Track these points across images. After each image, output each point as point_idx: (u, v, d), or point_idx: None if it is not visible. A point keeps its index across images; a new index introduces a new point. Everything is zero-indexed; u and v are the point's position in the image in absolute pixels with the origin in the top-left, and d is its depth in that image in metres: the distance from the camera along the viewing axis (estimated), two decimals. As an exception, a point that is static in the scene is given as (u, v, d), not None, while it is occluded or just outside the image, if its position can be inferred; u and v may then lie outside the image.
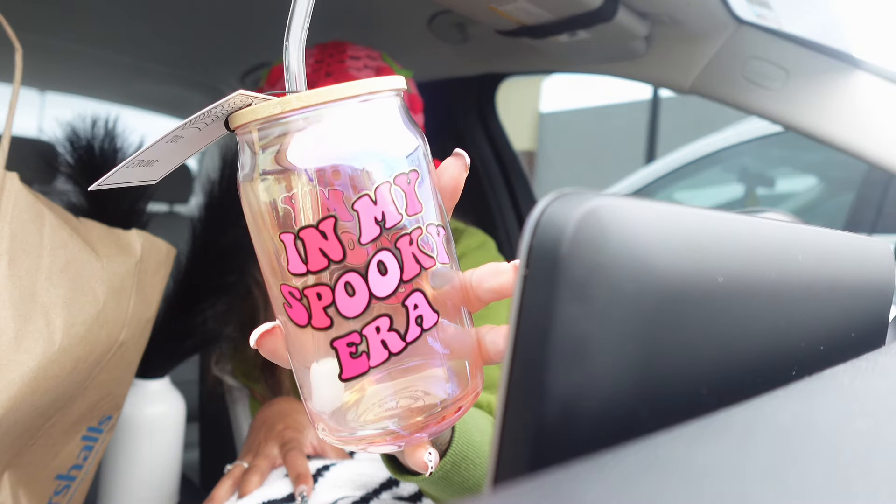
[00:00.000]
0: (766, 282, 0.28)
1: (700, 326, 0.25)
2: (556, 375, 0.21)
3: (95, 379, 0.63)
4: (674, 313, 0.23)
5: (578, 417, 0.21)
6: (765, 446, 0.19)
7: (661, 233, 0.23)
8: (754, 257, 0.27)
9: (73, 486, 0.69)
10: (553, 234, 0.21)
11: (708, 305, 0.25)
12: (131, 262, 0.65)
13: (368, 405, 0.33)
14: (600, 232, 0.21)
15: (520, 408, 0.21)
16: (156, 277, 0.71)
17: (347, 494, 0.67)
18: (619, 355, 0.22)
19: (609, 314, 0.21)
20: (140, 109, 2.02)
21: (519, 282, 0.22)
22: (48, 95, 1.93)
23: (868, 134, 0.86)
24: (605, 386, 0.22)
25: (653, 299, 0.22)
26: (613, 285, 0.21)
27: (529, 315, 0.21)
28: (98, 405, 0.67)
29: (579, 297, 0.21)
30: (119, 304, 0.63)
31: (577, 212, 0.21)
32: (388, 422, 0.32)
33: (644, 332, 0.22)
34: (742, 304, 0.27)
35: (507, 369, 0.22)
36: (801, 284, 0.30)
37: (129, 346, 0.67)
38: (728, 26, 0.92)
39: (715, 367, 0.26)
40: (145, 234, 0.69)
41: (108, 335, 0.62)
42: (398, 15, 1.17)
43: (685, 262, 0.23)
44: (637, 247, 0.22)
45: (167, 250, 0.73)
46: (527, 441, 0.21)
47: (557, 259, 0.21)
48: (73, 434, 0.66)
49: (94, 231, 0.64)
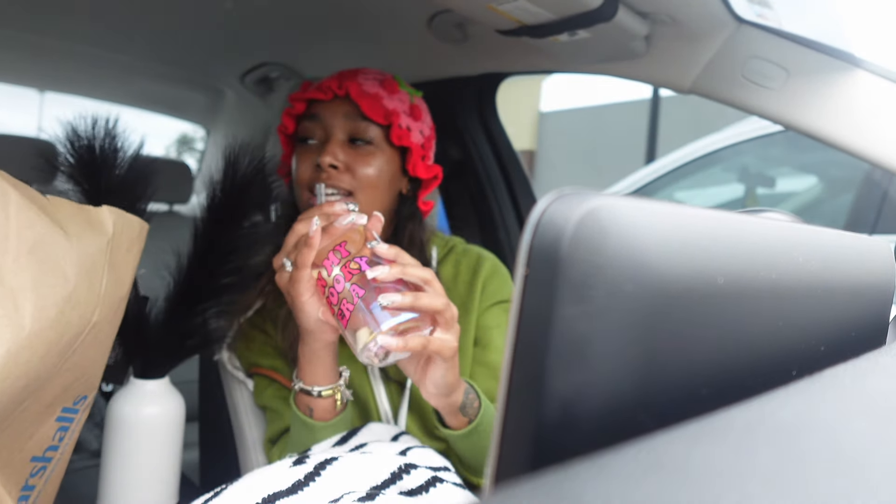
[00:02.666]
0: (766, 282, 0.28)
1: (700, 326, 0.25)
2: (556, 375, 0.21)
3: (69, 361, 0.62)
4: (674, 314, 0.23)
5: (578, 417, 0.21)
6: (765, 446, 0.19)
7: (660, 233, 0.23)
8: (754, 257, 0.27)
9: (50, 467, 0.68)
10: (553, 234, 0.21)
11: (708, 305, 0.25)
12: (103, 241, 0.63)
13: None
14: (600, 232, 0.21)
15: (520, 408, 0.21)
16: (129, 255, 0.69)
17: (354, 489, 0.67)
18: (619, 355, 0.22)
19: (609, 314, 0.21)
20: (140, 109, 2.02)
21: (519, 282, 0.22)
22: (47, 95, 1.93)
23: (869, 133, 0.86)
24: (605, 386, 0.22)
25: (652, 299, 0.22)
26: (613, 286, 0.21)
27: (529, 315, 0.21)
28: (72, 386, 0.65)
29: (579, 298, 0.21)
30: (91, 284, 0.61)
31: (576, 212, 0.21)
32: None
33: (644, 332, 0.22)
34: (742, 305, 0.27)
35: (508, 369, 0.22)
36: (802, 284, 0.30)
37: (103, 326, 0.65)
38: (728, 26, 0.92)
39: (715, 367, 0.26)
40: (117, 210, 0.66)
41: (81, 316, 0.60)
42: (398, 15, 1.17)
43: (685, 262, 0.23)
44: (637, 247, 0.22)
45: (140, 227, 0.70)
46: (527, 441, 0.21)
47: (557, 259, 0.21)
48: (47, 416, 0.64)
49: (64, 209, 0.61)
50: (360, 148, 0.92)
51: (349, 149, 0.91)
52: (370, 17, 1.21)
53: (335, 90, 0.92)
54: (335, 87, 0.92)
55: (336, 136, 0.91)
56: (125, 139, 0.78)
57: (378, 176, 0.93)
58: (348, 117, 0.92)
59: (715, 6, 0.88)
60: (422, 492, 0.68)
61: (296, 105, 0.95)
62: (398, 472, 0.70)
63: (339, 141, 0.91)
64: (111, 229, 0.64)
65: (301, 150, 0.94)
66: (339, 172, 0.89)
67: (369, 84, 0.94)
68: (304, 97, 0.94)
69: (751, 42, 0.91)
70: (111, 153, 0.77)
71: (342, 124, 0.92)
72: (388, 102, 0.94)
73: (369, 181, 0.91)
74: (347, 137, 0.92)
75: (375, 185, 0.93)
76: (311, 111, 0.94)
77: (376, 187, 0.93)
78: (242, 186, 0.84)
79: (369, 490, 0.67)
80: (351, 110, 0.92)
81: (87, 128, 0.75)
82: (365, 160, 0.91)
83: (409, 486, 0.68)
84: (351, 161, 0.90)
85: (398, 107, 0.95)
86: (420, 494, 0.68)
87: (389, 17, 1.19)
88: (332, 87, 0.92)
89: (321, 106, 0.93)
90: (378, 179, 0.93)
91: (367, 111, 0.91)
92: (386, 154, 0.93)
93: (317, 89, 0.93)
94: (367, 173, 0.91)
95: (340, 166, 0.89)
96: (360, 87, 0.93)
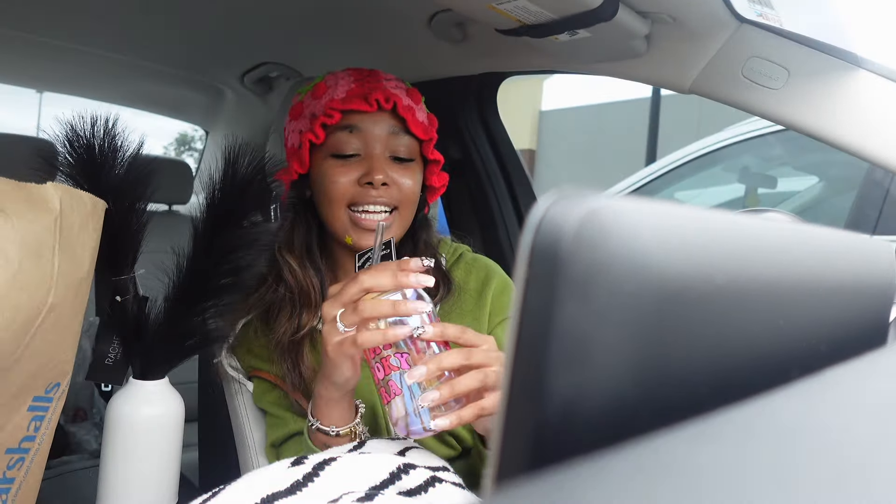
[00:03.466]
0: (766, 282, 0.28)
1: (700, 326, 0.25)
2: (556, 375, 0.21)
3: (29, 347, 0.60)
4: (674, 313, 0.23)
5: (578, 417, 0.21)
6: (765, 446, 0.19)
7: (661, 233, 0.23)
8: (754, 257, 0.27)
9: (28, 458, 0.67)
10: (554, 234, 0.21)
11: (708, 305, 0.25)
12: (49, 219, 0.60)
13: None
14: (601, 233, 0.21)
15: (520, 408, 0.21)
16: (84, 233, 0.66)
17: (352, 489, 0.67)
18: (620, 355, 0.22)
19: (609, 314, 0.21)
20: (140, 110, 2.02)
21: (520, 282, 0.22)
22: (47, 95, 1.94)
23: (870, 133, 0.86)
24: (606, 386, 0.22)
25: (653, 299, 0.22)
26: (614, 285, 0.21)
27: (530, 315, 0.21)
28: (40, 373, 0.64)
29: (580, 298, 0.21)
30: (39, 265, 0.59)
31: (577, 213, 0.21)
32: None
33: (644, 332, 0.22)
34: (742, 304, 0.27)
35: (508, 369, 0.22)
36: (802, 284, 0.30)
37: (63, 309, 0.62)
38: (729, 25, 0.92)
39: (715, 367, 0.26)
40: (64, 186, 0.63)
41: (31, 298, 0.58)
42: (398, 14, 1.17)
43: (685, 262, 0.23)
44: (637, 247, 0.22)
45: (93, 203, 0.67)
46: (527, 441, 0.21)
47: (558, 259, 0.21)
48: (16, 406, 0.63)
49: (0, 187, 0.59)
50: (402, 163, 0.90)
51: (390, 163, 0.89)
52: (370, 17, 1.21)
53: (382, 103, 0.87)
54: (382, 100, 0.87)
55: (380, 152, 0.88)
56: (125, 139, 0.78)
57: (415, 191, 0.91)
58: (393, 132, 0.89)
59: (715, 5, 0.88)
60: (421, 492, 0.68)
61: (334, 115, 0.88)
62: (397, 472, 0.69)
63: (383, 156, 0.88)
64: (58, 206, 0.61)
65: (338, 165, 0.89)
66: (387, 188, 0.87)
67: (400, 93, 0.91)
68: (344, 108, 0.88)
69: (751, 42, 0.91)
70: (111, 153, 0.76)
71: (386, 139, 0.89)
72: (419, 114, 0.91)
73: (409, 196, 0.90)
74: (390, 153, 0.89)
75: (413, 200, 0.91)
76: (349, 121, 0.88)
77: (414, 202, 0.92)
78: (242, 186, 0.84)
79: (368, 490, 0.67)
80: (396, 125, 0.89)
81: (86, 128, 0.75)
82: (407, 175, 0.89)
83: (408, 486, 0.68)
84: (396, 176, 0.88)
85: (424, 118, 0.93)
86: (419, 494, 0.68)
87: (389, 16, 1.19)
88: (379, 99, 0.87)
89: (362, 118, 0.88)
90: (415, 195, 0.92)
91: (412, 126, 0.89)
92: (420, 167, 0.93)
93: (362, 99, 0.88)
94: (408, 189, 0.89)
95: (390, 182, 0.87)
96: (400, 98, 0.89)
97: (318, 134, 0.89)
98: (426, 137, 0.91)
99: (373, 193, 0.86)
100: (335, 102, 0.88)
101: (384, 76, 0.93)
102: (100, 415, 1.59)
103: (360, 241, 0.89)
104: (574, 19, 0.88)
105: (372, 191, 0.86)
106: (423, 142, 0.91)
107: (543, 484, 0.17)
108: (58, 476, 1.05)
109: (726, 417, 0.22)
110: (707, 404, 0.24)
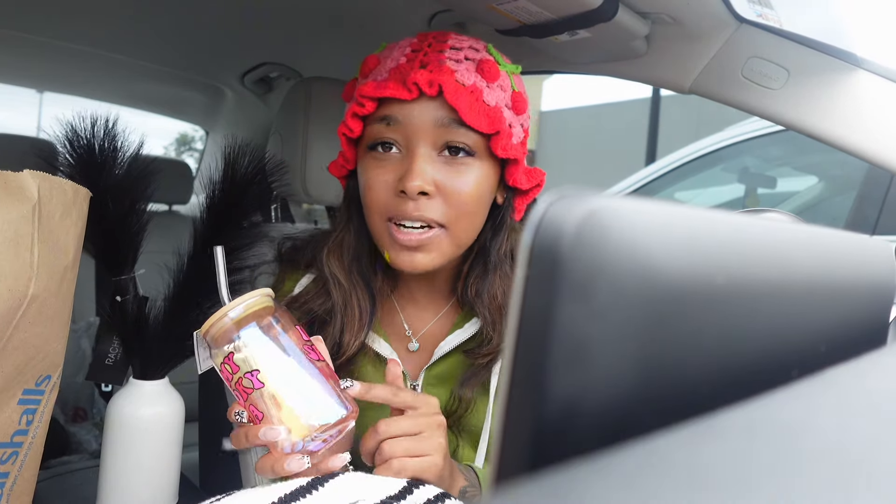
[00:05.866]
0: (766, 282, 0.28)
1: (700, 327, 0.25)
2: (556, 375, 0.21)
3: (12, 339, 0.59)
4: (674, 314, 0.23)
5: (578, 417, 0.21)
6: (765, 446, 0.19)
7: (661, 233, 0.23)
8: (754, 257, 0.27)
9: (22, 451, 0.66)
10: (554, 234, 0.21)
11: (708, 306, 0.25)
12: (26, 207, 0.59)
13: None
14: (601, 233, 0.21)
15: (520, 408, 0.21)
16: (66, 221, 0.64)
17: (363, 498, 0.65)
18: (620, 355, 0.22)
19: (609, 314, 0.21)
20: (140, 109, 2.03)
21: (520, 282, 0.22)
22: (47, 95, 1.93)
23: (870, 134, 0.86)
24: (605, 386, 0.22)
25: (653, 300, 0.22)
26: (614, 286, 0.21)
27: (530, 315, 0.21)
28: (28, 366, 0.63)
29: (580, 298, 0.21)
30: (18, 254, 0.57)
31: (577, 213, 0.21)
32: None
33: (644, 332, 0.22)
34: (742, 305, 0.27)
35: (508, 369, 0.22)
36: (802, 284, 0.30)
37: (47, 300, 0.61)
38: (729, 25, 0.92)
39: (715, 368, 0.26)
40: (42, 174, 0.61)
41: (11, 289, 0.57)
42: (398, 15, 1.17)
43: (685, 262, 0.23)
44: (637, 247, 0.22)
45: (74, 191, 0.65)
46: (527, 441, 0.21)
47: (558, 259, 0.21)
48: (6, 400, 0.62)
49: None
50: (454, 161, 0.70)
51: (440, 164, 0.70)
52: (370, 17, 1.21)
53: (423, 87, 0.68)
54: (424, 84, 0.68)
55: (422, 150, 0.69)
56: (125, 139, 0.78)
57: (477, 199, 0.72)
58: (440, 124, 0.69)
59: (715, 6, 0.88)
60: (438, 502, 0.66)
61: (366, 104, 0.71)
62: (408, 486, 0.67)
63: (428, 155, 0.69)
64: (36, 194, 0.59)
65: (375, 161, 0.72)
66: (428, 199, 0.69)
67: (463, 70, 0.70)
68: (377, 95, 0.70)
69: (751, 42, 0.91)
70: (111, 153, 0.77)
71: (431, 133, 0.69)
72: (490, 96, 0.70)
73: (466, 208, 0.71)
74: (438, 149, 0.70)
75: (473, 212, 0.72)
76: (385, 112, 0.70)
77: (474, 213, 0.72)
78: (242, 186, 0.84)
79: (384, 499, 0.64)
80: (444, 115, 0.69)
81: (86, 128, 0.75)
82: (461, 178, 0.70)
83: (421, 500, 0.66)
84: (444, 181, 0.70)
85: (500, 100, 0.71)
86: None
87: (389, 16, 1.19)
88: (419, 82, 0.68)
89: (401, 106, 0.70)
90: (476, 204, 0.72)
91: (467, 116, 0.68)
92: (485, 167, 0.72)
93: (400, 83, 0.69)
94: (463, 197, 0.70)
95: (431, 191, 0.69)
96: (455, 78, 0.69)
97: (352, 126, 0.73)
98: (491, 131, 0.69)
99: (409, 207, 0.69)
100: (368, 87, 0.70)
101: (453, 42, 0.73)
102: (100, 415, 1.59)
103: (398, 260, 0.72)
104: (574, 19, 0.88)
105: (408, 203, 0.69)
106: (490, 136, 0.71)
107: (543, 484, 0.17)
108: (58, 476, 1.05)
109: (726, 417, 0.22)
110: (707, 404, 0.24)
